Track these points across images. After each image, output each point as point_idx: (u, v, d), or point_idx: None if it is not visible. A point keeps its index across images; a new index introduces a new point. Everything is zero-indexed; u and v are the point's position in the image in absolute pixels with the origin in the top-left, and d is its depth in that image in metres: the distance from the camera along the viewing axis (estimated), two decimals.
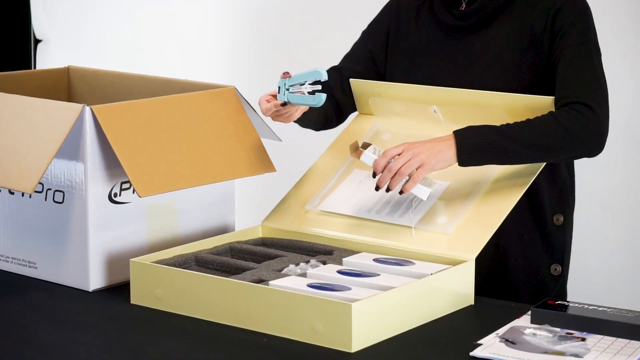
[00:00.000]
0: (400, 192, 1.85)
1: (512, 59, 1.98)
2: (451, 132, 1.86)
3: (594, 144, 1.88)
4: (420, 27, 2.08)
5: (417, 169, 1.83)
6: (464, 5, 2.02)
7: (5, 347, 1.64)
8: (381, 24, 2.14)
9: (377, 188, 1.86)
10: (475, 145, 1.84)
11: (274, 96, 1.94)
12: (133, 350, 1.64)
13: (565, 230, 2.05)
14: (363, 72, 2.13)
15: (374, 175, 1.86)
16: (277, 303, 1.66)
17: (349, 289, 1.70)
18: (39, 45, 3.61)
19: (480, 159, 1.85)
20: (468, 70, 2.02)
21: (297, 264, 1.85)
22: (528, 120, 1.88)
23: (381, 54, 2.12)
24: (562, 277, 2.05)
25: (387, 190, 1.84)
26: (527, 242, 2.02)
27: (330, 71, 2.14)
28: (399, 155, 1.84)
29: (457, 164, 1.85)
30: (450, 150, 1.84)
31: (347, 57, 2.17)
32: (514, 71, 1.98)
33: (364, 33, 2.17)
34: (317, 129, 2.14)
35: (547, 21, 1.95)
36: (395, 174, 1.82)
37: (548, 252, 2.03)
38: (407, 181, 1.84)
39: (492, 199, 1.90)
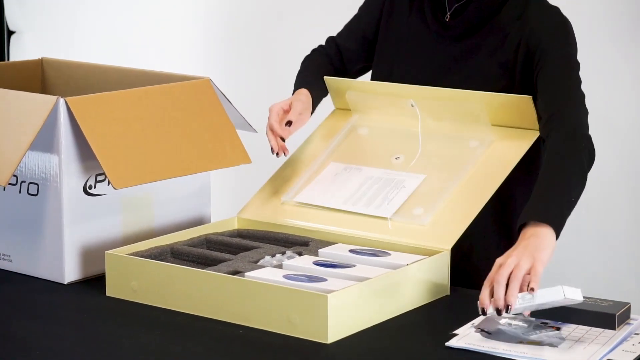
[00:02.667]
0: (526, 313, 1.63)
1: (494, 73, 1.98)
2: (519, 228, 1.72)
3: (592, 158, 1.89)
4: (410, 23, 2.07)
5: (529, 272, 1.62)
6: (448, 15, 2.02)
7: None
8: (375, 5, 2.13)
9: (499, 312, 1.60)
10: (557, 212, 1.74)
11: (287, 111, 1.98)
12: (108, 343, 1.63)
13: None
14: (357, 49, 2.15)
15: (482, 312, 1.61)
16: (253, 294, 1.66)
17: (325, 280, 1.70)
18: (13, 37, 3.58)
19: (564, 218, 1.76)
20: (448, 76, 2.02)
21: (272, 255, 1.85)
22: (555, 160, 1.82)
23: (373, 36, 2.13)
24: None
25: (499, 312, 1.58)
26: (497, 232, 2.02)
27: (330, 43, 2.17)
28: (507, 274, 1.61)
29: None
30: (544, 237, 1.68)
31: (346, 33, 2.18)
32: (493, 83, 1.98)
33: (361, 9, 2.17)
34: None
35: (525, 35, 1.95)
36: (508, 283, 1.59)
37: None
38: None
39: (468, 191, 1.90)
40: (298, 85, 2.11)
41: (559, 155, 1.84)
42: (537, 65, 1.94)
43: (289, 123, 1.98)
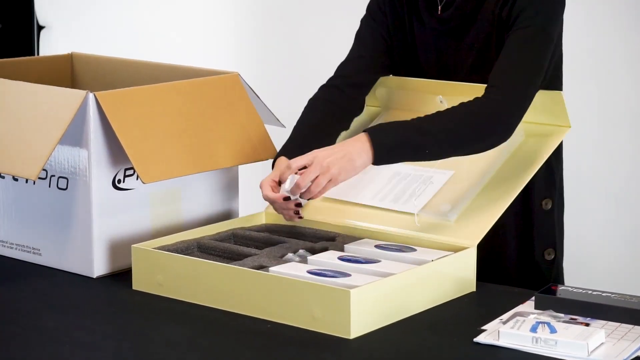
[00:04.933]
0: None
1: (493, 57, 1.95)
2: (362, 132, 1.79)
3: (500, 132, 1.83)
4: (412, 22, 2.05)
5: (326, 184, 1.79)
6: (440, 8, 2.00)
7: (10, 334, 1.64)
8: (381, 12, 2.08)
9: (287, 199, 1.83)
10: (391, 146, 1.79)
11: (277, 182, 1.88)
12: (137, 336, 1.64)
13: (554, 215, 2.05)
14: (382, 56, 2.06)
15: (279, 183, 1.83)
16: (276, 289, 1.66)
17: (349, 275, 1.70)
18: (42, 32, 3.61)
19: (396, 158, 1.81)
20: (455, 71, 2.01)
21: (295, 251, 1.85)
22: (443, 113, 1.84)
23: (390, 41, 2.08)
24: (557, 262, 2.06)
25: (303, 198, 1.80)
26: (518, 228, 2.02)
27: (355, 62, 2.07)
28: (305, 168, 1.79)
29: (373, 163, 1.79)
30: (364, 155, 1.78)
31: (362, 46, 2.08)
32: None
33: (366, 22, 2.10)
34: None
35: (506, 9, 1.91)
36: (313, 186, 1.79)
37: (539, 237, 2.03)
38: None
39: (495, 188, 1.90)
40: (285, 144, 2.00)
41: (457, 110, 1.83)
42: (508, 34, 1.90)
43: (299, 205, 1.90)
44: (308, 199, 1.83)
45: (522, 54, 1.87)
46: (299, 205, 1.88)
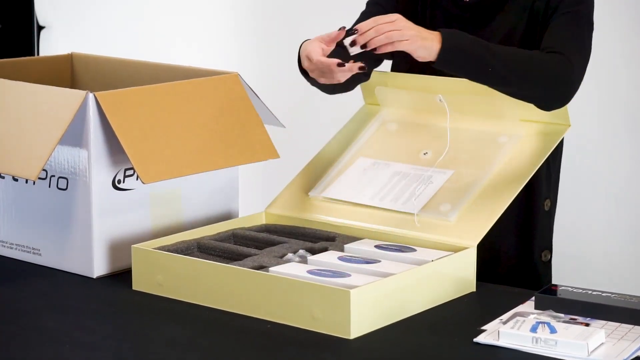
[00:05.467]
0: (373, 50, 1.74)
1: (516, 46, 1.96)
2: (437, 31, 1.80)
3: (562, 86, 1.86)
4: (425, 11, 2.05)
5: (401, 42, 1.75)
6: None
7: (9, 334, 1.64)
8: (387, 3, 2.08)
9: (353, 43, 1.74)
10: (459, 48, 1.80)
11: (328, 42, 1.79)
12: (137, 336, 1.64)
13: (551, 216, 2.05)
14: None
15: (349, 33, 1.73)
16: (276, 289, 1.66)
17: (349, 275, 1.70)
18: (42, 32, 3.61)
19: (458, 64, 1.81)
20: None
21: (295, 252, 1.85)
22: (514, 47, 1.88)
23: None
24: (551, 263, 2.06)
25: (363, 47, 1.73)
26: (519, 228, 2.02)
27: None
28: (389, 22, 1.75)
29: (434, 60, 1.79)
30: (434, 44, 1.78)
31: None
32: None
33: (375, 2, 2.10)
34: (338, 92, 2.06)
35: (542, 1, 1.94)
36: (382, 35, 1.73)
37: (539, 238, 2.03)
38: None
39: (496, 187, 1.90)
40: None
41: (528, 52, 1.86)
42: (548, 23, 1.93)
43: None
44: (370, 50, 1.75)
45: (577, 35, 1.90)
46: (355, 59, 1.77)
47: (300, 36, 3.27)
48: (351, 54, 1.76)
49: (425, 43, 1.78)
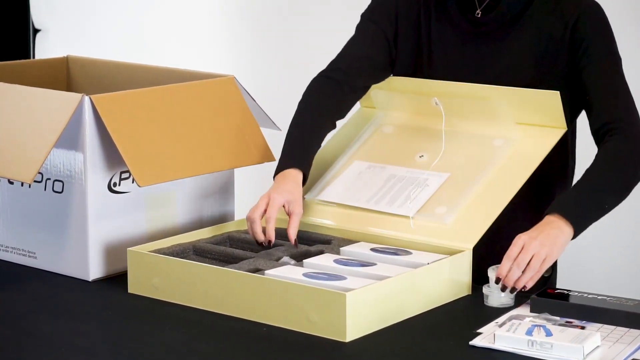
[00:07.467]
0: (523, 288, 1.73)
1: (527, 67, 1.95)
2: (546, 214, 1.77)
3: None
4: (430, 23, 2.02)
5: (544, 264, 1.73)
6: (479, 11, 1.98)
7: (5, 337, 1.64)
8: (386, 11, 2.05)
9: (504, 289, 1.73)
10: (583, 216, 1.79)
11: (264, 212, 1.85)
12: (133, 340, 1.64)
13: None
14: (383, 61, 2.05)
15: (497, 281, 1.73)
16: (272, 293, 1.66)
17: (345, 278, 1.70)
18: (38, 35, 3.61)
19: (588, 224, 1.81)
20: (481, 75, 1.98)
21: (291, 255, 1.85)
22: (599, 166, 1.86)
23: (393, 42, 2.06)
24: (555, 266, 2.06)
25: (512, 290, 1.73)
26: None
27: (357, 60, 2.04)
28: (521, 252, 1.72)
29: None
30: (565, 234, 1.75)
31: (365, 45, 2.05)
32: (529, 79, 1.94)
33: (370, 19, 2.07)
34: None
35: (567, 30, 1.92)
36: (527, 272, 1.71)
37: None
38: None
39: (491, 190, 1.90)
40: (289, 149, 1.97)
41: (612, 157, 1.85)
42: (580, 62, 1.91)
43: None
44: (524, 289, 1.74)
45: (622, 86, 1.92)
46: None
47: (295, 39, 3.27)
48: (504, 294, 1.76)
49: (559, 242, 1.74)
